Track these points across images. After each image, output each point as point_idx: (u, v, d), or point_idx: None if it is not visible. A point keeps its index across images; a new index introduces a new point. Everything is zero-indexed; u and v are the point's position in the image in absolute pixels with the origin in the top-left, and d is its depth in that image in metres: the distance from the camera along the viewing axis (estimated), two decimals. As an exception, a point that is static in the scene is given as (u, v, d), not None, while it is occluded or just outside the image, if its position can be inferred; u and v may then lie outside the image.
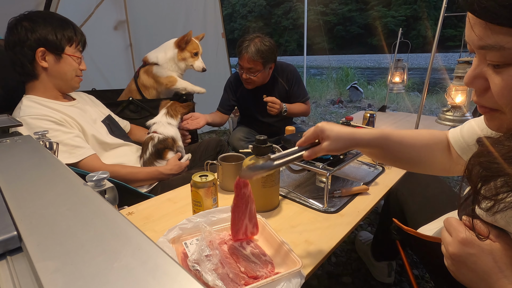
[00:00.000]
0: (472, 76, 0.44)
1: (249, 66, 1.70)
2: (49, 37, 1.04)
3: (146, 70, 1.74)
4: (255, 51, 1.65)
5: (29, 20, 1.03)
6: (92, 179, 0.40)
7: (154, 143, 1.29)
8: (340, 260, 1.45)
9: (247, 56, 1.66)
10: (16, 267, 0.26)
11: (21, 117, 1.00)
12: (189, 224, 0.70)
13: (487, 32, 0.38)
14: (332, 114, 5.03)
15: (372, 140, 0.67)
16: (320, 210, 0.90)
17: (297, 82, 1.95)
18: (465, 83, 0.46)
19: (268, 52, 1.68)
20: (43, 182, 0.38)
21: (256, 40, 1.67)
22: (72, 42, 1.10)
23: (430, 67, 1.25)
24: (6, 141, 0.56)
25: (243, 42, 1.69)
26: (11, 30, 1.03)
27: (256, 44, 1.65)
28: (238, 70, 1.81)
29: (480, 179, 0.41)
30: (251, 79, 1.74)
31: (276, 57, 1.77)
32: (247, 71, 1.73)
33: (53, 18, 1.08)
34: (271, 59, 1.73)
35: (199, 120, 1.66)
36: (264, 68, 1.73)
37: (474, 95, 0.46)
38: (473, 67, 0.44)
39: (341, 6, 45.29)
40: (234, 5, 49.63)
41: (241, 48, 1.69)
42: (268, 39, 1.70)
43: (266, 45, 1.67)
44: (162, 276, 0.22)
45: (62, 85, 1.13)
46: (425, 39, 33.28)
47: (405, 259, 0.83)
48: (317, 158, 1.01)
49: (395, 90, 2.20)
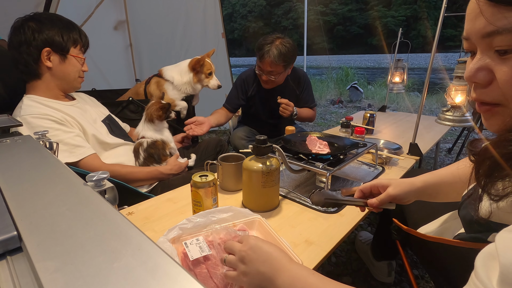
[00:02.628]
0: (475, 69, 0.43)
1: (270, 69, 1.67)
2: (55, 38, 1.06)
3: (158, 82, 1.77)
4: (278, 54, 1.60)
5: (35, 21, 1.04)
6: (92, 179, 0.40)
7: (144, 148, 1.27)
8: (340, 260, 1.45)
9: (269, 60, 1.61)
10: (16, 267, 0.26)
11: (21, 116, 1.00)
12: (189, 224, 0.70)
13: (497, 15, 0.38)
14: (332, 114, 5.03)
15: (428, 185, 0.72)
16: (320, 210, 0.90)
17: (307, 87, 1.94)
18: (467, 77, 0.44)
19: (290, 54, 1.65)
20: (43, 182, 0.38)
21: (277, 42, 1.62)
22: (77, 44, 1.12)
23: (430, 67, 1.25)
24: (6, 141, 0.56)
25: (264, 45, 1.63)
26: (17, 30, 1.04)
27: (278, 47, 1.61)
28: (257, 71, 1.77)
29: (485, 177, 0.41)
30: (271, 80, 1.72)
31: (296, 57, 1.74)
32: (267, 73, 1.70)
33: (59, 20, 1.09)
34: (292, 61, 1.71)
35: (203, 126, 1.61)
36: (285, 70, 1.72)
37: (473, 92, 0.45)
38: (475, 60, 0.43)
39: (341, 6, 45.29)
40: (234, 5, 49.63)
41: (262, 51, 1.63)
42: (288, 40, 1.66)
43: (287, 47, 1.63)
44: (162, 276, 0.22)
45: (64, 85, 1.14)
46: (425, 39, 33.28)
47: (405, 259, 0.83)
48: (317, 158, 1.02)
49: (395, 90, 2.20)
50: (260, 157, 0.86)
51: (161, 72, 1.77)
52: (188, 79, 1.73)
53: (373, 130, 1.75)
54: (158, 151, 1.29)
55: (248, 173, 0.86)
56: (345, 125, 1.45)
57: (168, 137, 1.38)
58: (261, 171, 0.84)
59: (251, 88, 1.92)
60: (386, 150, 1.34)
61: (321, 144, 1.12)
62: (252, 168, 0.85)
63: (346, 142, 1.16)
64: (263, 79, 1.76)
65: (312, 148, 1.10)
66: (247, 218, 0.76)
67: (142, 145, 1.27)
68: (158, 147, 1.30)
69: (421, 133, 1.57)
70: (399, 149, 1.39)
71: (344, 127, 1.44)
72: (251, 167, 0.85)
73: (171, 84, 1.74)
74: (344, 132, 1.43)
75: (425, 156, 1.35)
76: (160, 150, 1.30)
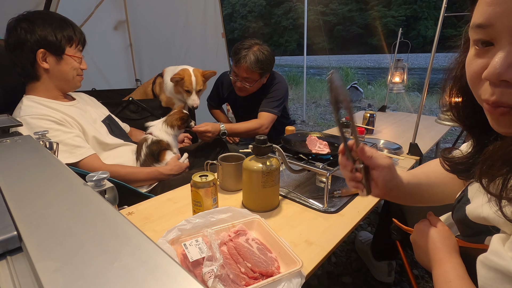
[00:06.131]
0: (507, 64, 0.36)
1: (246, 75, 1.59)
2: (48, 38, 1.03)
3: (160, 82, 1.78)
4: (254, 61, 1.54)
5: (27, 21, 1.02)
6: (92, 179, 0.40)
7: (147, 144, 1.29)
8: (340, 260, 1.45)
9: (245, 66, 1.55)
10: (16, 267, 0.26)
11: (21, 116, 1.00)
12: (188, 225, 0.69)
13: None
14: (332, 114, 5.02)
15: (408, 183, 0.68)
16: (320, 210, 0.90)
17: (274, 90, 1.74)
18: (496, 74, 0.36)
19: (267, 62, 1.58)
20: (43, 182, 0.38)
21: (254, 48, 1.56)
22: (72, 42, 1.10)
23: (430, 67, 1.25)
24: (6, 141, 0.56)
25: (241, 50, 1.56)
26: (10, 31, 1.02)
27: (256, 53, 1.54)
28: (231, 77, 1.69)
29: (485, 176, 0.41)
30: (245, 87, 1.65)
31: (273, 66, 1.67)
32: (242, 79, 1.62)
33: (52, 18, 1.07)
34: (268, 69, 1.64)
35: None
36: (261, 78, 1.64)
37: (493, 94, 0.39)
38: (506, 55, 0.36)
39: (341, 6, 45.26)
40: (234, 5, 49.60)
41: (238, 56, 1.56)
42: (266, 48, 1.60)
43: (265, 54, 1.56)
44: (162, 276, 0.22)
45: (63, 85, 1.13)
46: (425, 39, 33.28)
47: (405, 259, 0.83)
48: (317, 158, 1.02)
49: (395, 90, 2.20)
50: (260, 157, 0.86)
51: (163, 73, 1.77)
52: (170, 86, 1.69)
53: (373, 130, 1.75)
54: (160, 149, 1.30)
55: (248, 173, 0.86)
56: (345, 125, 1.45)
57: (173, 142, 1.40)
58: (261, 171, 0.84)
59: (226, 92, 1.89)
60: (386, 150, 1.34)
61: (321, 144, 1.12)
62: (252, 168, 0.85)
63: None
64: (237, 86, 1.68)
65: (312, 148, 1.10)
66: (246, 219, 0.76)
67: (147, 141, 1.29)
68: (162, 145, 1.32)
69: (421, 133, 1.57)
70: (399, 149, 1.39)
71: (344, 127, 1.44)
72: (251, 167, 0.85)
73: (167, 87, 1.74)
74: (344, 132, 1.43)
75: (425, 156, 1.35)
76: (163, 148, 1.32)
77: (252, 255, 0.65)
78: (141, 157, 1.27)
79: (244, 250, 0.66)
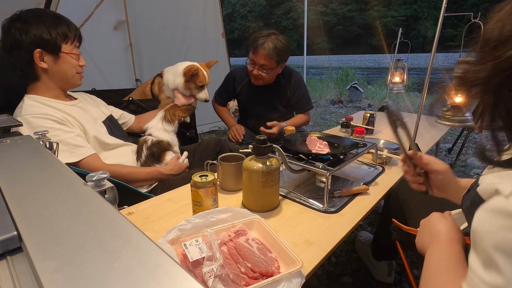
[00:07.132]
0: None
1: (263, 63, 1.66)
2: (43, 36, 1.02)
3: (159, 82, 1.76)
4: (273, 48, 1.61)
5: (21, 20, 1.01)
6: (92, 179, 0.40)
7: (147, 145, 1.28)
8: (340, 260, 1.45)
9: (264, 53, 1.62)
10: (16, 267, 0.26)
11: (22, 116, 0.99)
12: (188, 225, 0.69)
13: None
14: (332, 114, 5.03)
15: None
16: (320, 210, 0.90)
17: (299, 87, 1.90)
18: None
19: (284, 50, 1.66)
20: (43, 182, 0.38)
21: (272, 37, 1.63)
22: (68, 39, 1.08)
23: (430, 67, 1.25)
24: (6, 141, 0.56)
25: (259, 38, 1.64)
26: (5, 32, 1.01)
27: (274, 41, 1.62)
28: (248, 65, 1.76)
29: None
30: (261, 75, 1.72)
31: (289, 55, 1.75)
32: (260, 67, 1.69)
33: (45, 15, 1.05)
34: (285, 59, 1.71)
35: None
36: (277, 66, 1.71)
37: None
38: None
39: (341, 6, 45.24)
40: (234, 5, 49.58)
41: (256, 44, 1.63)
42: (282, 37, 1.67)
43: (283, 42, 1.64)
44: (162, 276, 0.22)
45: (63, 84, 1.13)
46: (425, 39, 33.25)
47: (405, 259, 0.83)
48: (317, 158, 1.02)
49: (395, 90, 2.20)
50: (260, 157, 0.86)
51: (162, 74, 1.77)
52: (179, 82, 1.68)
53: (373, 130, 1.75)
54: (160, 150, 1.30)
55: (248, 173, 0.86)
56: (345, 125, 1.45)
57: (174, 140, 1.40)
58: (261, 171, 0.84)
59: (238, 86, 1.92)
60: (386, 150, 1.34)
61: (321, 144, 1.12)
62: (252, 168, 0.85)
63: (346, 142, 1.16)
64: (254, 74, 1.74)
65: (312, 148, 1.10)
66: (246, 219, 0.76)
67: (147, 142, 1.29)
68: (162, 146, 1.32)
69: (421, 133, 1.57)
70: (399, 149, 1.39)
71: (344, 127, 1.44)
72: (251, 167, 0.85)
73: (168, 85, 1.73)
74: (344, 132, 1.43)
75: (425, 156, 1.34)
76: (164, 149, 1.32)
77: (252, 255, 0.65)
78: (141, 158, 1.27)
79: (244, 250, 0.66)
